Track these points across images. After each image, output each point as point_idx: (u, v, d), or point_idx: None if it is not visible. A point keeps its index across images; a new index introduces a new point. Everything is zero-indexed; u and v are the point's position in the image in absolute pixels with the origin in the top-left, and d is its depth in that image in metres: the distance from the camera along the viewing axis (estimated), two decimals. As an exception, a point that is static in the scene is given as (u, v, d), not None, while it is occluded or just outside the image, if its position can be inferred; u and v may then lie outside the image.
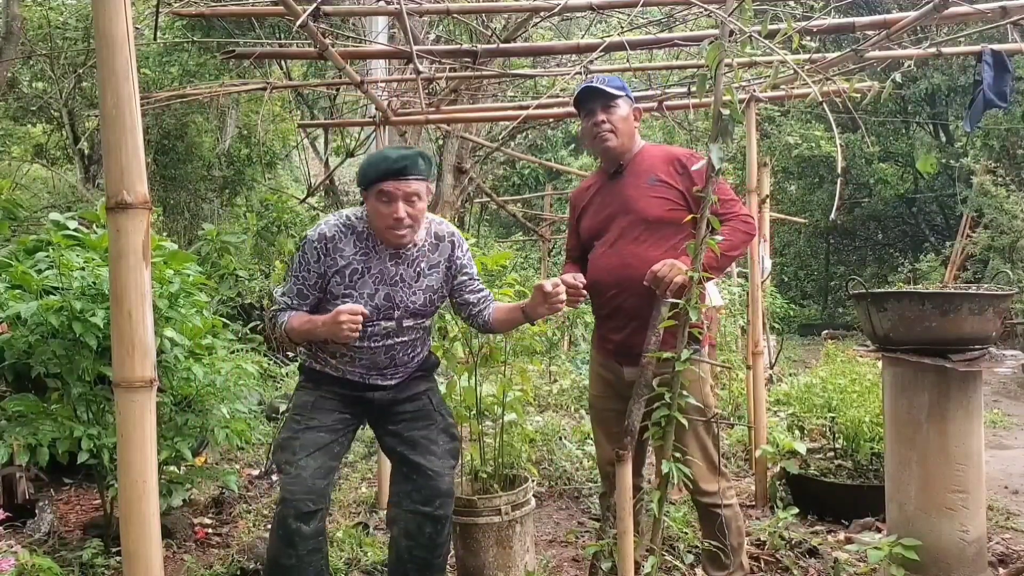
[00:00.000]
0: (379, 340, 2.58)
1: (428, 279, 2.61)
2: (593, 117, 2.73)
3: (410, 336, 2.64)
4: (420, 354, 2.73)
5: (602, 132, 2.71)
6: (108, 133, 1.65)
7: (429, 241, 2.62)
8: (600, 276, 2.74)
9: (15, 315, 3.01)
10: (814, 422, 4.49)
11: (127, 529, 1.70)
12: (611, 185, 2.80)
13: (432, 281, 2.62)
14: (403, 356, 2.65)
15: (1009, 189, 10.49)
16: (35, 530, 3.57)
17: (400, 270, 2.56)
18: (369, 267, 2.53)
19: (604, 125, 2.71)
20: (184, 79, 8.25)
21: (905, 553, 2.75)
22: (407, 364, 2.68)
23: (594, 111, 2.72)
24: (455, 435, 2.75)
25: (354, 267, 2.52)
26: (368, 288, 2.53)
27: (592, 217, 2.83)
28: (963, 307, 2.75)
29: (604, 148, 2.75)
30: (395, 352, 2.62)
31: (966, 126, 3.95)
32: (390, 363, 2.64)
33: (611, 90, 2.71)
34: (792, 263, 17.28)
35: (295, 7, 2.80)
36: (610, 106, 2.72)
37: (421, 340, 2.71)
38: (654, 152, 2.80)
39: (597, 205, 2.82)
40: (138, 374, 1.68)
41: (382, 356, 2.61)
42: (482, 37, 5.36)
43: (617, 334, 2.73)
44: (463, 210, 9.56)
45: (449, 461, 2.67)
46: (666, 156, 2.76)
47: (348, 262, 2.52)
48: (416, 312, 2.61)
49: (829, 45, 9.93)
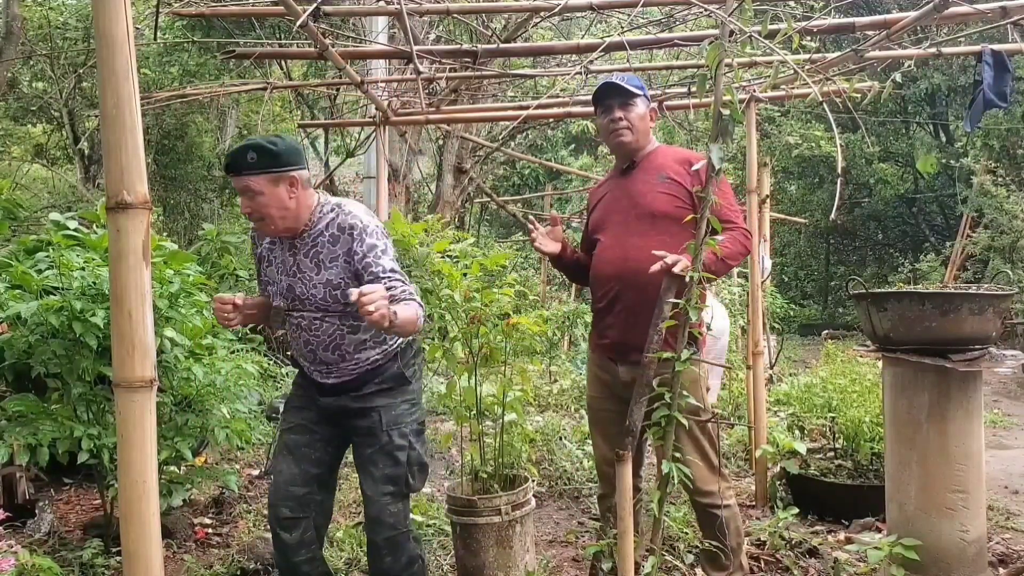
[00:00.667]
0: (296, 331, 2.56)
1: (328, 272, 2.45)
2: (611, 113, 2.76)
3: (324, 331, 2.50)
4: (354, 355, 2.52)
5: (619, 128, 2.75)
6: (108, 133, 1.65)
7: (331, 233, 2.46)
8: (602, 268, 2.76)
9: (15, 315, 3.01)
10: (814, 422, 4.49)
11: (127, 529, 1.70)
12: (622, 181, 2.84)
13: (331, 275, 2.45)
14: (327, 353, 2.51)
15: (1009, 189, 10.50)
16: (35, 530, 3.57)
17: (297, 260, 2.49)
18: (275, 256, 2.57)
19: (621, 122, 2.75)
20: (184, 79, 8.26)
21: (905, 553, 2.75)
22: (339, 364, 2.53)
23: (612, 107, 2.76)
24: (399, 460, 2.52)
25: (265, 256, 2.60)
26: (276, 277, 2.56)
27: (601, 210, 2.87)
28: (963, 307, 2.75)
29: (619, 143, 2.78)
30: (313, 346, 2.52)
31: (966, 126, 3.95)
32: (314, 358, 2.54)
33: (631, 88, 2.75)
34: (792, 263, 17.28)
35: (295, 7, 2.81)
36: (628, 104, 2.75)
37: (348, 338, 2.50)
38: (667, 152, 2.84)
39: (608, 199, 2.87)
40: (138, 374, 1.67)
41: (303, 348, 2.56)
42: (482, 37, 5.36)
43: (613, 330, 2.73)
44: (463, 210, 9.56)
45: (384, 487, 2.51)
46: (678, 157, 2.80)
47: (262, 251, 2.62)
48: (318, 306, 2.47)
49: (829, 45, 9.93)
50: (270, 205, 2.40)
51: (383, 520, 2.52)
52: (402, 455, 2.53)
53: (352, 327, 2.49)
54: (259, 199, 2.39)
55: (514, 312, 3.48)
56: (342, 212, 2.48)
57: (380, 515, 2.51)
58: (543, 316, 4.80)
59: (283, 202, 2.41)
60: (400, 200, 8.02)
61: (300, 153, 2.50)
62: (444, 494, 3.77)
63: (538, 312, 6.03)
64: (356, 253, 2.42)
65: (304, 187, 2.45)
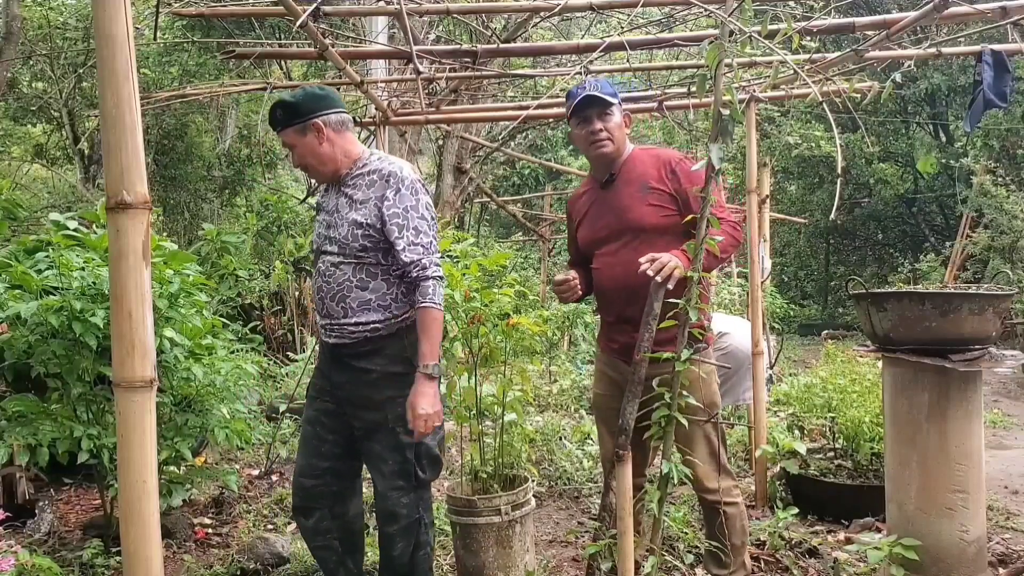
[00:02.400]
0: (317, 277, 2.65)
1: (356, 212, 2.51)
2: (589, 125, 2.72)
3: (336, 279, 2.53)
4: (357, 312, 2.52)
5: (600, 139, 2.72)
6: (108, 133, 1.65)
7: (370, 177, 2.55)
8: (607, 286, 2.77)
9: (15, 315, 3.01)
10: (814, 422, 4.49)
11: (127, 529, 1.70)
12: (604, 194, 2.80)
13: (359, 216, 2.50)
14: (334, 304, 2.54)
15: (1009, 189, 10.49)
16: (35, 530, 3.57)
17: (338, 200, 2.60)
18: (326, 202, 2.69)
19: (601, 133, 2.71)
20: (184, 79, 8.25)
21: (905, 553, 2.75)
22: (341, 320, 2.54)
23: (590, 118, 2.72)
24: (408, 456, 2.54)
25: (321, 203, 2.74)
26: (322, 219, 2.68)
27: (588, 227, 2.84)
28: (963, 307, 2.75)
29: (600, 155, 2.75)
30: (324, 294, 2.57)
31: (966, 126, 3.96)
32: (322, 308, 2.60)
33: (607, 97, 2.71)
34: (792, 263, 17.28)
35: (295, 7, 2.81)
36: (606, 113, 2.72)
37: (355, 293, 2.51)
38: (643, 157, 2.79)
39: (593, 215, 2.83)
40: (138, 374, 1.67)
41: (317, 296, 2.64)
42: (482, 37, 5.36)
43: (624, 335, 2.73)
44: (463, 210, 9.56)
45: (395, 481, 2.56)
46: (655, 161, 2.76)
47: (318, 199, 2.78)
48: (341, 245, 2.52)
49: (829, 45, 9.93)
50: (305, 155, 2.57)
51: (396, 512, 2.57)
52: (410, 451, 2.55)
53: (361, 282, 2.54)
54: (296, 151, 2.58)
55: (514, 312, 3.48)
56: (386, 161, 2.60)
57: (393, 508, 2.58)
58: (543, 316, 4.81)
59: (315, 149, 2.56)
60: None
61: (325, 98, 2.60)
62: (444, 494, 3.77)
63: (538, 312, 6.04)
64: (387, 199, 2.48)
65: (337, 130, 2.58)
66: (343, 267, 2.53)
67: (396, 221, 2.46)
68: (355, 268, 2.52)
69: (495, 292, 3.35)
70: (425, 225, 2.50)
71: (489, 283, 3.53)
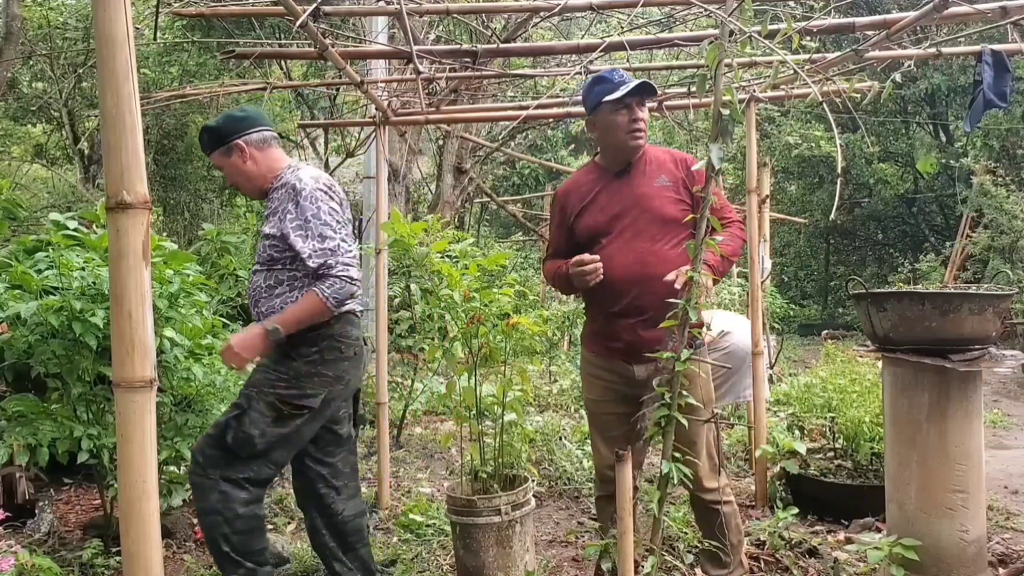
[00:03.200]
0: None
1: (266, 225, 2.65)
2: (633, 112, 2.66)
3: (254, 284, 2.68)
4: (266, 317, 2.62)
5: (641, 129, 2.68)
6: (108, 133, 1.65)
7: (279, 192, 2.65)
8: (616, 274, 2.65)
9: (15, 315, 3.01)
10: (814, 422, 4.48)
11: (127, 529, 1.70)
12: (618, 183, 2.75)
13: (268, 228, 2.64)
14: (253, 308, 2.69)
15: (1009, 189, 10.50)
16: (35, 530, 3.57)
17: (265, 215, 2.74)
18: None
19: (643, 123, 2.69)
20: (184, 79, 8.25)
21: (905, 553, 2.75)
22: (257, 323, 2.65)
23: (633, 106, 2.67)
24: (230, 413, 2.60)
25: None
26: None
27: (596, 215, 2.75)
28: (963, 307, 2.74)
29: (636, 146, 2.71)
30: (249, 299, 2.73)
31: (966, 126, 3.95)
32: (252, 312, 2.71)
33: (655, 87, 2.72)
34: (792, 263, 17.29)
35: (295, 7, 2.80)
36: (643, 105, 2.71)
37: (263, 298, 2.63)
38: (659, 153, 2.80)
39: (602, 203, 2.75)
40: (138, 374, 1.67)
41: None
42: (482, 37, 5.36)
43: (630, 332, 2.67)
44: (463, 210, 9.57)
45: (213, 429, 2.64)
46: (670, 156, 2.78)
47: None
48: (257, 254, 2.69)
49: (829, 45, 9.93)
50: (233, 174, 2.72)
51: (194, 457, 2.62)
52: (235, 411, 2.57)
53: (269, 288, 2.64)
54: (225, 172, 2.75)
55: (514, 312, 3.48)
56: (293, 173, 2.66)
57: (194, 451, 2.64)
58: (543, 316, 4.81)
59: (240, 168, 2.68)
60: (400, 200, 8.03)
61: (245, 119, 2.68)
62: (444, 494, 3.77)
63: (538, 312, 6.04)
64: (289, 212, 2.57)
65: (260, 148, 2.68)
66: (257, 275, 2.69)
67: (299, 233, 2.54)
68: (265, 276, 2.66)
69: (495, 292, 3.34)
70: (330, 231, 2.55)
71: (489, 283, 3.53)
